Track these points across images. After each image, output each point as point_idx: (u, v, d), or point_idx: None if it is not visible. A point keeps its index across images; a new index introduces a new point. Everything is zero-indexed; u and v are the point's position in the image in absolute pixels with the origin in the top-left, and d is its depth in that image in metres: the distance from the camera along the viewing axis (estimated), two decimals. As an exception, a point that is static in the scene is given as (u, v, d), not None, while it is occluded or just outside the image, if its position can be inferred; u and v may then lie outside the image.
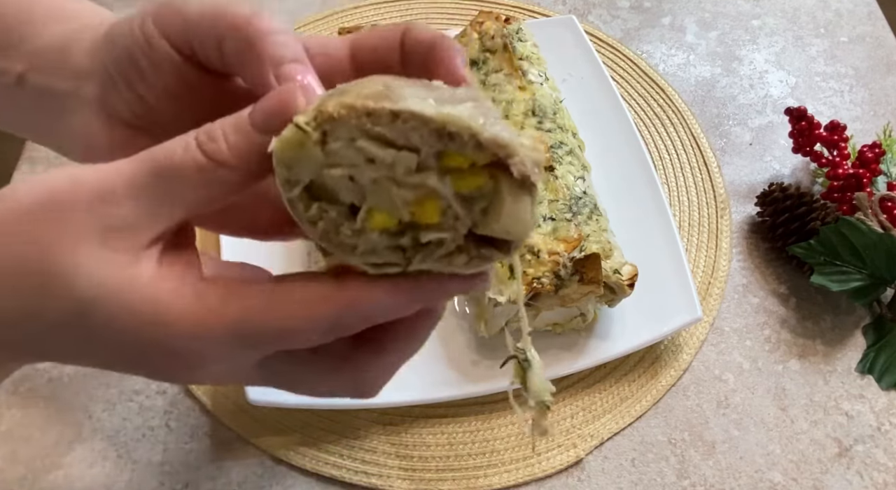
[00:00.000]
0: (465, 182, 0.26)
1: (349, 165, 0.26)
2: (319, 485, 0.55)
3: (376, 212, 0.26)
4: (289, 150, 0.26)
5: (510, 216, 0.26)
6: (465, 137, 0.25)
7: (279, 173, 0.26)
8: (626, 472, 0.57)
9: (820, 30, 0.86)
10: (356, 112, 0.25)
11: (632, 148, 0.68)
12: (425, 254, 0.27)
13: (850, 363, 0.63)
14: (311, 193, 0.27)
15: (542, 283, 0.53)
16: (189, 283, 0.27)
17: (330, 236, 0.27)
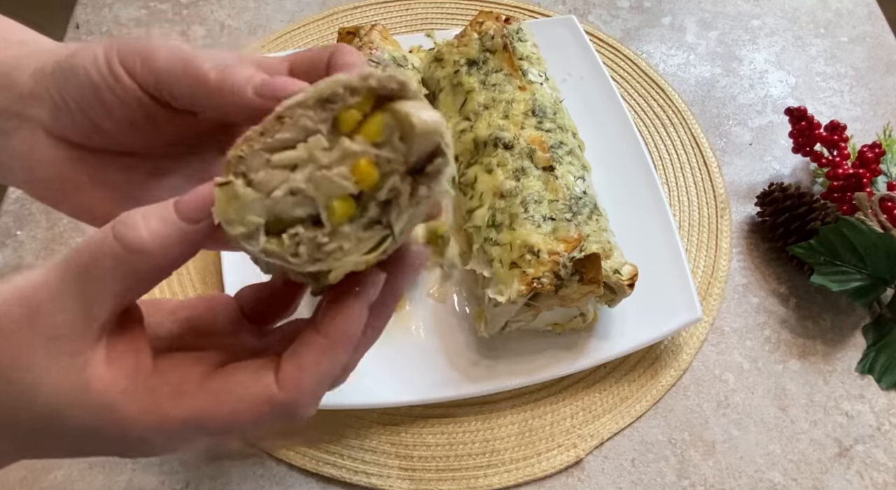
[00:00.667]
0: (371, 128, 0.28)
1: (281, 183, 0.28)
2: (319, 485, 0.55)
3: (334, 202, 0.28)
4: (229, 207, 0.28)
5: (420, 123, 0.27)
6: (340, 92, 0.28)
7: (237, 234, 0.28)
8: (626, 472, 0.57)
9: (820, 30, 0.86)
10: (252, 139, 0.28)
11: (632, 148, 0.68)
12: (397, 210, 0.29)
13: (850, 363, 0.63)
14: (272, 231, 0.28)
15: (542, 283, 0.53)
16: (140, 380, 0.29)
17: (316, 254, 0.28)
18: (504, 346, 0.59)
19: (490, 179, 0.60)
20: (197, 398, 0.29)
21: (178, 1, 0.85)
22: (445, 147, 0.28)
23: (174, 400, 0.29)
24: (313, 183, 0.28)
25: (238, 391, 0.29)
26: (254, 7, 0.85)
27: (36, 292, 0.28)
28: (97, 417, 0.29)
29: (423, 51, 0.73)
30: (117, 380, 0.29)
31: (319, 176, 0.28)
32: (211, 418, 0.29)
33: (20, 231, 0.66)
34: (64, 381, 0.28)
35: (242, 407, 0.29)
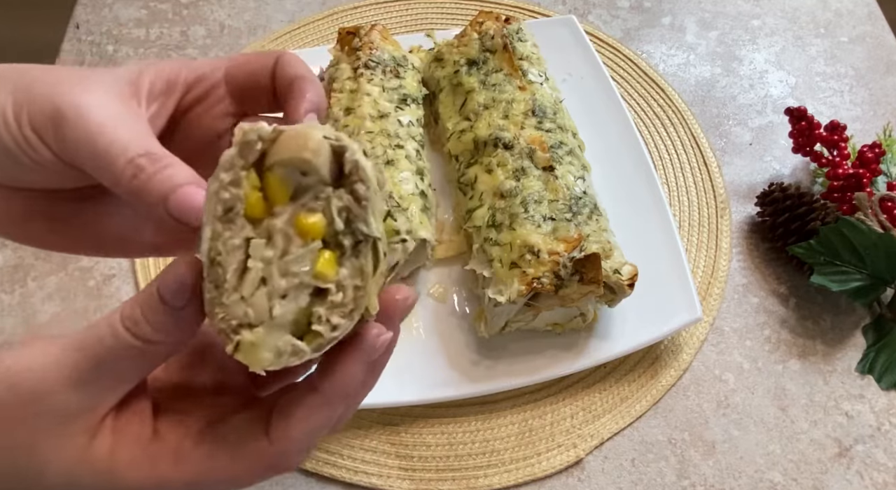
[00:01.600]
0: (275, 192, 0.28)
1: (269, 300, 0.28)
2: (319, 485, 0.55)
3: (316, 269, 0.28)
4: (257, 357, 0.28)
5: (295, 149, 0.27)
6: (227, 197, 0.28)
7: (285, 365, 0.28)
8: (626, 472, 0.57)
9: (820, 30, 0.86)
10: (216, 300, 0.28)
11: (632, 148, 0.68)
12: (358, 218, 0.28)
13: (850, 363, 0.63)
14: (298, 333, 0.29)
15: (542, 283, 0.53)
16: (141, 447, 0.30)
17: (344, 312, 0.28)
18: (504, 346, 0.59)
19: (490, 179, 0.60)
20: (194, 462, 0.30)
21: (178, 1, 0.85)
22: (333, 141, 0.28)
23: (174, 466, 0.30)
24: (288, 275, 0.28)
25: (231, 452, 0.30)
26: (254, 7, 0.85)
27: (44, 379, 0.29)
28: (98, 484, 0.30)
29: (423, 51, 0.73)
30: (122, 449, 0.30)
31: (286, 265, 0.27)
32: (209, 480, 0.30)
33: (20, 231, 0.66)
34: (72, 462, 0.29)
35: (237, 467, 0.30)
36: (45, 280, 0.64)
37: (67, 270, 0.64)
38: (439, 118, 0.67)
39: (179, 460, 0.30)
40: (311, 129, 0.28)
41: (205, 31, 0.82)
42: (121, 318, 0.29)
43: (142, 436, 0.30)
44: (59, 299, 0.63)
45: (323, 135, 0.28)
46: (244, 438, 0.30)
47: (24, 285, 0.63)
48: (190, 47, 0.81)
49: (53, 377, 0.29)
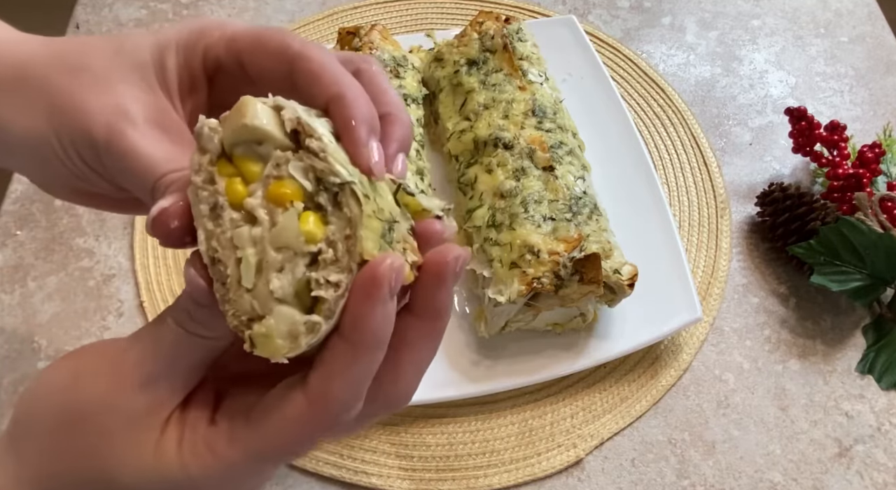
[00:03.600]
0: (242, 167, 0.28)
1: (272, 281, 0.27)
2: (319, 485, 0.55)
3: (303, 235, 0.27)
4: (274, 346, 0.27)
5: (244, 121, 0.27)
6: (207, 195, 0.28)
7: (304, 347, 0.27)
8: (626, 472, 0.57)
9: (820, 30, 0.86)
10: (224, 298, 0.28)
11: (632, 148, 0.68)
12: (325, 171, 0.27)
13: (850, 363, 0.63)
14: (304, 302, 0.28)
15: (542, 283, 0.53)
16: (201, 434, 0.30)
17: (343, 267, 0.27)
18: (504, 346, 0.59)
19: (490, 179, 0.60)
20: (245, 439, 0.30)
21: (179, 1, 0.85)
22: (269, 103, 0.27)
23: (229, 446, 0.30)
24: (281, 248, 0.27)
25: (275, 419, 0.29)
26: (254, 7, 0.85)
27: (111, 382, 0.30)
28: (172, 483, 0.30)
29: (423, 51, 0.73)
30: (186, 439, 0.30)
31: (275, 237, 0.27)
32: (263, 453, 0.30)
33: (20, 231, 0.66)
34: (145, 456, 0.30)
35: (283, 433, 0.29)
36: (45, 280, 0.64)
37: (67, 270, 0.64)
38: (439, 118, 0.67)
39: (232, 440, 0.30)
40: (246, 98, 0.27)
41: (205, 31, 0.82)
42: (172, 317, 0.29)
43: (201, 422, 0.30)
44: (59, 299, 0.63)
45: (260, 100, 0.27)
46: (284, 402, 0.29)
47: (24, 285, 0.63)
48: (190, 47, 0.81)
49: (119, 380, 0.30)
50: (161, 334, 0.30)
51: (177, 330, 0.29)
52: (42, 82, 0.33)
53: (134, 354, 0.30)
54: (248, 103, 0.27)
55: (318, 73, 0.31)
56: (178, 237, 0.29)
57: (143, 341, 0.30)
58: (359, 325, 0.27)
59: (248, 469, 0.30)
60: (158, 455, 0.30)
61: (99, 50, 0.33)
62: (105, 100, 0.32)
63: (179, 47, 0.33)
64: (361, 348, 0.28)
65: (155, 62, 0.33)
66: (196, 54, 0.33)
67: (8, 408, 0.57)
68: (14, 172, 0.69)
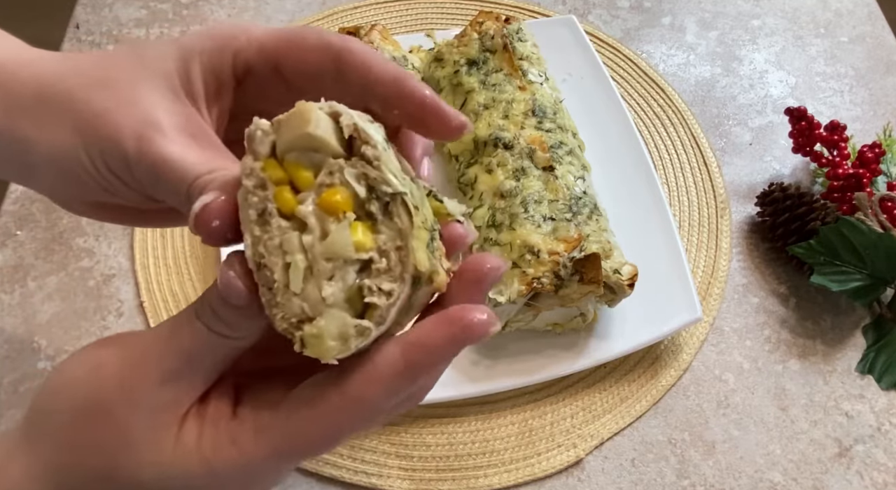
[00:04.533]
0: (294, 173, 0.28)
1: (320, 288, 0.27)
2: (319, 485, 0.55)
3: (354, 243, 0.27)
4: (325, 347, 0.27)
5: (295, 127, 0.27)
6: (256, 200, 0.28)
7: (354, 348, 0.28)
8: (626, 472, 0.57)
9: (820, 30, 0.86)
10: (270, 302, 0.28)
11: (632, 148, 0.68)
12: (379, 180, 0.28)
13: (850, 363, 0.63)
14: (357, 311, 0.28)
15: (542, 283, 0.53)
16: (224, 429, 0.30)
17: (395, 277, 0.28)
18: (504, 346, 0.59)
19: (490, 179, 0.60)
20: (272, 431, 0.29)
21: (179, 1, 0.85)
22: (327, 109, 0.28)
23: (255, 440, 0.29)
24: (332, 257, 0.27)
25: (306, 416, 0.29)
26: (254, 7, 0.85)
27: (132, 376, 0.30)
28: (193, 477, 0.30)
29: (423, 51, 0.73)
30: (206, 433, 0.30)
31: (327, 248, 0.27)
32: (289, 448, 0.29)
33: (20, 231, 0.66)
34: (164, 450, 0.29)
35: (313, 431, 0.29)
36: (45, 280, 0.64)
37: (67, 270, 0.64)
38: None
39: (259, 432, 0.29)
40: (306, 105, 0.27)
41: (205, 31, 0.82)
42: (197, 315, 0.29)
43: (222, 417, 0.30)
44: (59, 299, 0.63)
45: (318, 106, 0.27)
46: (316, 399, 0.29)
47: (24, 285, 0.63)
48: (190, 47, 0.81)
49: (140, 375, 0.29)
50: (184, 331, 0.30)
51: (200, 328, 0.29)
52: (65, 98, 0.33)
53: (156, 349, 0.30)
54: (311, 110, 0.27)
55: (369, 63, 0.32)
56: (220, 234, 0.28)
57: (165, 337, 0.30)
58: (428, 352, 0.28)
59: (271, 464, 0.30)
60: (178, 450, 0.29)
61: (121, 62, 0.33)
62: (132, 111, 0.32)
63: (204, 54, 0.33)
64: (418, 369, 0.28)
65: (179, 70, 0.33)
66: (224, 60, 0.33)
67: (8, 408, 0.57)
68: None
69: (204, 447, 0.29)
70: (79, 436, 0.30)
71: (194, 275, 0.64)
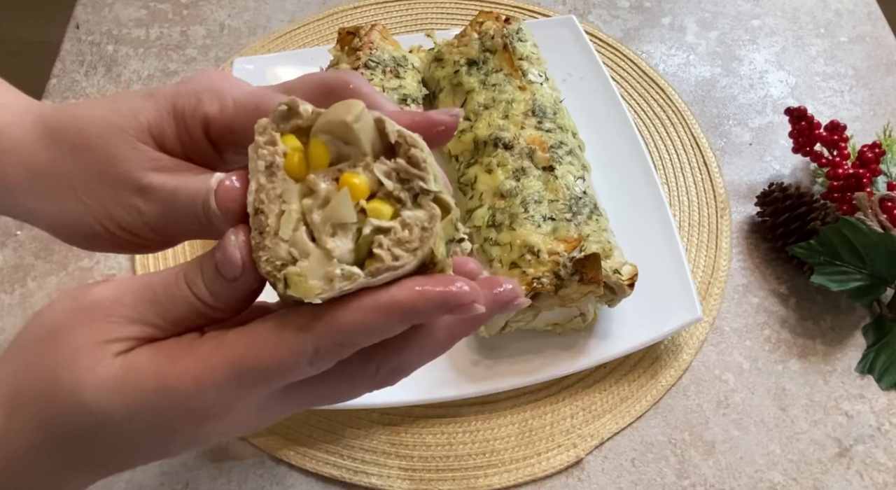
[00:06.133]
0: (316, 157, 0.29)
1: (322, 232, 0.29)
2: (319, 485, 0.55)
3: (367, 209, 0.29)
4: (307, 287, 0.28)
5: (336, 118, 0.29)
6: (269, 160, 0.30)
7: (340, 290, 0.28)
8: (626, 472, 0.57)
9: (820, 30, 0.86)
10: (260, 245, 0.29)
11: (632, 148, 0.68)
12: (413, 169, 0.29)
13: (850, 363, 0.63)
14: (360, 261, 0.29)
15: (542, 283, 0.53)
16: (183, 343, 0.30)
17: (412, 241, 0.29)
18: (504, 346, 0.59)
19: (490, 179, 0.60)
20: (236, 343, 0.29)
21: (178, 1, 0.85)
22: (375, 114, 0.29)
23: (216, 350, 0.29)
24: (331, 218, 0.28)
25: (272, 326, 0.29)
26: (254, 7, 0.85)
27: (100, 303, 0.30)
28: (145, 392, 0.29)
29: (423, 51, 0.73)
30: (161, 351, 0.30)
31: (328, 210, 0.28)
32: (250, 363, 0.29)
33: (20, 231, 0.66)
34: (109, 368, 0.29)
35: (283, 340, 0.28)
36: (45, 280, 0.64)
37: (67, 270, 0.64)
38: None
39: (222, 345, 0.29)
40: (354, 101, 0.29)
41: (205, 31, 0.82)
42: (185, 277, 0.30)
43: (184, 339, 0.30)
44: (59, 299, 0.63)
45: (365, 107, 0.29)
46: (287, 314, 0.29)
47: (24, 285, 0.63)
48: (190, 47, 0.81)
49: (113, 308, 0.30)
50: (168, 288, 0.30)
51: (185, 291, 0.30)
52: (51, 174, 0.34)
53: (133, 294, 0.30)
54: (357, 106, 0.29)
55: None
56: (237, 199, 0.30)
57: (148, 287, 0.30)
58: (411, 303, 0.28)
59: (230, 384, 0.29)
60: (129, 373, 0.29)
61: (94, 125, 0.34)
62: (120, 171, 0.33)
63: (177, 114, 0.34)
64: (403, 311, 0.28)
65: (153, 127, 0.34)
66: (195, 124, 0.34)
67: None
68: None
69: (159, 362, 0.29)
70: (34, 356, 0.30)
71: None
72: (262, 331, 0.29)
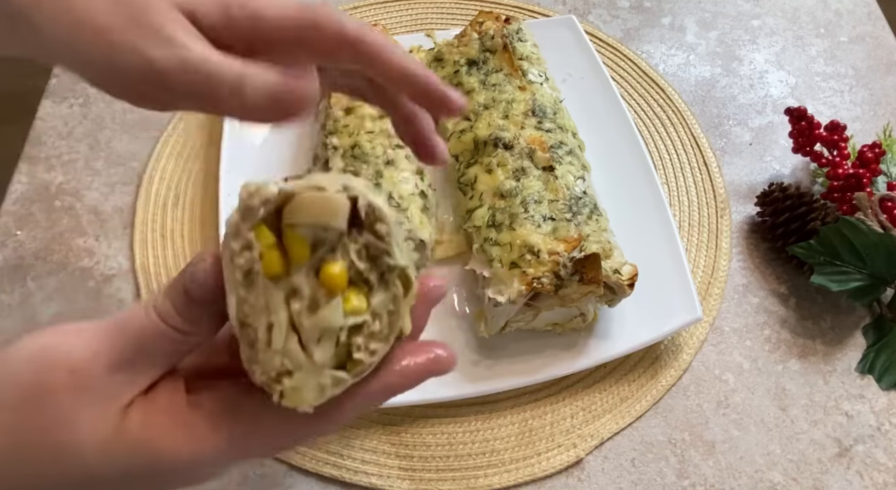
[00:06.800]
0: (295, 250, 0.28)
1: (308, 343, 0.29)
2: (319, 485, 0.55)
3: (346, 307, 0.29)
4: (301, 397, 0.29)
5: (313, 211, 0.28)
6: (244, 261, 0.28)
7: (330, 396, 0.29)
8: (626, 472, 0.57)
9: (820, 30, 0.86)
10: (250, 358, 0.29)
11: (632, 148, 0.68)
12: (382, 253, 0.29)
13: (850, 363, 0.63)
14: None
15: (542, 283, 0.53)
16: (176, 414, 0.30)
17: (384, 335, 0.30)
18: (504, 346, 0.59)
19: (490, 179, 0.60)
20: (233, 425, 0.30)
21: (178, 1, 0.85)
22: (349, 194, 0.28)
23: (212, 431, 0.30)
24: (320, 325, 0.28)
25: (279, 413, 0.30)
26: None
27: (82, 359, 0.30)
28: (140, 461, 0.30)
29: (423, 51, 0.73)
30: (156, 419, 0.30)
31: (317, 319, 0.28)
32: (249, 444, 0.30)
33: (20, 231, 0.66)
34: (108, 432, 0.29)
35: (283, 428, 0.30)
36: (45, 280, 0.64)
37: (67, 270, 0.64)
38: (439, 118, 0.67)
39: (217, 424, 0.30)
40: (335, 198, 0.28)
41: (205, 31, 0.82)
42: (154, 309, 0.30)
43: (175, 405, 0.30)
44: (59, 299, 0.63)
45: (345, 195, 0.28)
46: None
47: (24, 285, 0.63)
48: (190, 47, 0.81)
49: (91, 358, 0.29)
50: (140, 323, 0.30)
51: (156, 321, 0.30)
52: None
53: (109, 338, 0.30)
54: (337, 203, 0.28)
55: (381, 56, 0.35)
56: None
57: (120, 327, 0.30)
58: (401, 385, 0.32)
59: (220, 456, 0.30)
60: (122, 430, 0.29)
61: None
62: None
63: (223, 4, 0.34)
64: (387, 396, 0.32)
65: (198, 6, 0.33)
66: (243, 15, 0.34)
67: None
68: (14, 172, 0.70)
69: (153, 431, 0.30)
70: (23, 418, 0.30)
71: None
72: (263, 417, 0.30)
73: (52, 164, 0.70)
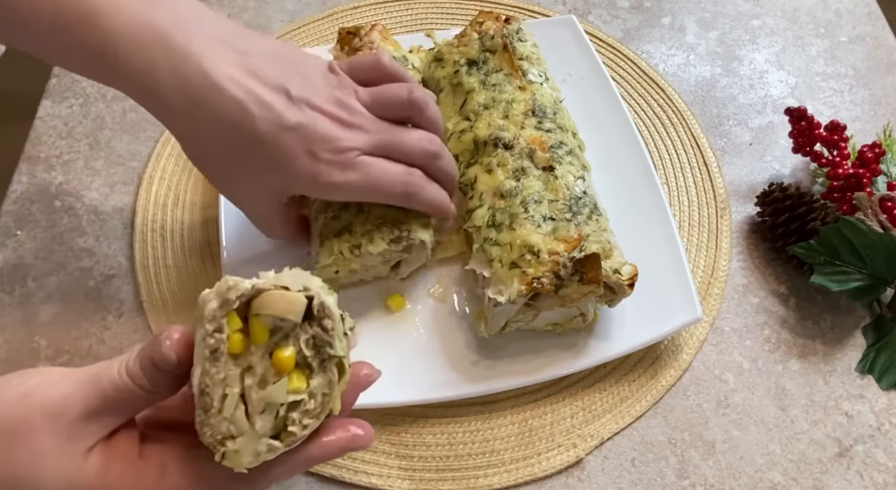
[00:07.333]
0: (256, 333, 0.35)
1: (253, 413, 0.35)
2: (319, 485, 0.56)
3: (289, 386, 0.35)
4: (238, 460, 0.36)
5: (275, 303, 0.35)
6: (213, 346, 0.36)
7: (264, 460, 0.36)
8: (626, 472, 0.57)
9: (820, 30, 0.86)
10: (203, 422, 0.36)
11: (632, 148, 0.68)
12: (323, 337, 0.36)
13: (850, 363, 0.63)
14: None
15: (542, 283, 0.53)
16: (130, 463, 0.36)
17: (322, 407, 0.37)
18: (504, 346, 0.59)
19: (490, 179, 0.60)
20: (179, 476, 0.36)
21: (178, 1, 0.84)
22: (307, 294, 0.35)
23: (160, 478, 0.36)
24: (266, 399, 0.35)
25: (212, 471, 0.36)
26: (254, 7, 0.85)
27: (63, 405, 0.35)
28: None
29: (423, 51, 0.73)
30: (112, 465, 0.36)
31: (264, 394, 0.35)
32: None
33: (20, 231, 0.66)
34: (70, 472, 0.35)
35: (215, 485, 0.37)
36: (45, 280, 0.64)
37: (67, 270, 0.64)
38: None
39: (164, 473, 0.36)
40: (297, 297, 0.35)
41: (205, 31, 0.82)
42: (126, 369, 0.36)
43: (130, 454, 0.36)
44: (59, 299, 0.63)
45: (304, 295, 0.35)
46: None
47: (24, 285, 0.63)
48: (190, 47, 0.81)
49: (69, 405, 0.35)
50: (111, 378, 0.36)
51: (125, 379, 0.36)
52: None
53: (83, 389, 0.35)
54: (298, 302, 0.35)
55: None
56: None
57: (93, 380, 0.36)
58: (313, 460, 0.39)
59: None
60: (83, 472, 0.35)
61: None
62: None
63: None
64: (310, 464, 0.39)
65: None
66: None
67: (8, 408, 0.57)
68: (14, 172, 0.70)
69: (109, 476, 0.35)
70: (2, 449, 0.34)
71: (196, 274, 0.64)
72: (206, 474, 0.36)
73: (52, 163, 0.70)
